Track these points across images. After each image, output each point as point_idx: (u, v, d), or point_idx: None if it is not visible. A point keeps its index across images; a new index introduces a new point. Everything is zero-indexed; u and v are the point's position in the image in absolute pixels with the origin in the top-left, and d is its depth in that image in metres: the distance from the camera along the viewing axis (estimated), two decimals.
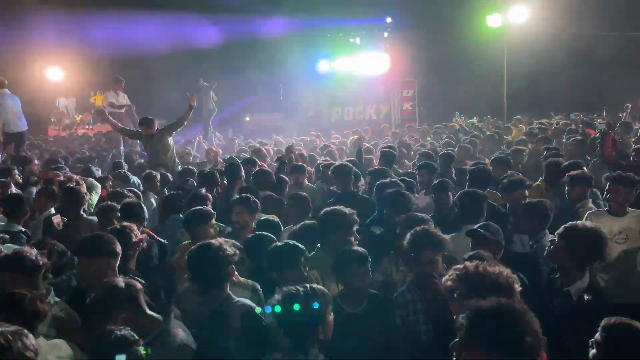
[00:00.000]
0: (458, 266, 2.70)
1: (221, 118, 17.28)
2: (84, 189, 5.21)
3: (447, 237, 3.56)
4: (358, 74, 19.23)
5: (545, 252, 3.47)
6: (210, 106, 15.45)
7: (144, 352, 2.49)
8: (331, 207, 4.18)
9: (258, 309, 3.16)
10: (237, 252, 3.31)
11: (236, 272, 3.55)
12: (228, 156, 9.05)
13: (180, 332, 2.96)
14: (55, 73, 18.04)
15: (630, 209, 4.56)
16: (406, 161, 8.75)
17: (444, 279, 2.72)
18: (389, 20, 19.48)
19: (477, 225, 3.88)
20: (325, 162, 7.41)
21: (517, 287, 2.53)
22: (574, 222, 3.49)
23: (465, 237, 3.92)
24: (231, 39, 18.47)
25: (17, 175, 6.85)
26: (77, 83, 18.61)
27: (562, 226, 3.42)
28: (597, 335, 2.34)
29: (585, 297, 3.19)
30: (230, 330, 3.02)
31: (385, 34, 19.98)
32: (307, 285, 2.74)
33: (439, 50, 18.79)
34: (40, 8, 16.14)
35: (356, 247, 3.52)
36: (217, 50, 18.93)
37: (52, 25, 16.40)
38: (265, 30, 18.69)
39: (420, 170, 6.35)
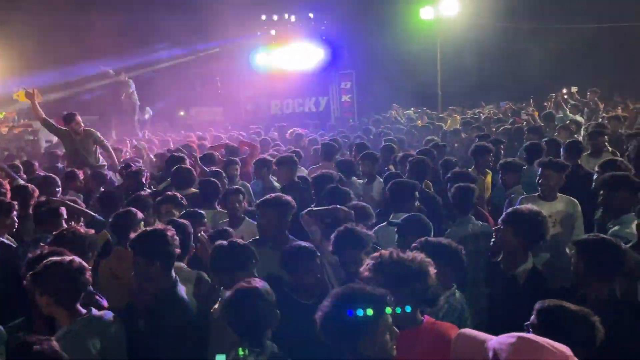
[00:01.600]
0: (374, 255, 2.70)
1: (155, 113, 16.81)
2: None
3: (372, 231, 3.64)
4: (296, 67, 19.18)
5: (492, 242, 3.58)
6: (135, 101, 14.94)
7: None
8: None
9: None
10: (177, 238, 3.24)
11: (183, 264, 3.56)
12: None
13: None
14: None
15: (559, 194, 4.70)
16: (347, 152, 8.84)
17: (361, 269, 2.69)
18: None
19: (405, 216, 3.96)
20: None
21: (432, 270, 2.58)
22: (515, 207, 3.61)
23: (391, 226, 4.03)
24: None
25: None
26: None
27: (505, 213, 3.53)
28: (533, 318, 2.40)
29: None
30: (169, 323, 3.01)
31: (322, 27, 20.04)
32: (254, 282, 2.74)
33: (375, 42, 19.08)
34: None
35: (304, 243, 3.42)
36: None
37: None
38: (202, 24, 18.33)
39: (363, 160, 6.37)
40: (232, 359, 2.61)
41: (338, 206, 3.85)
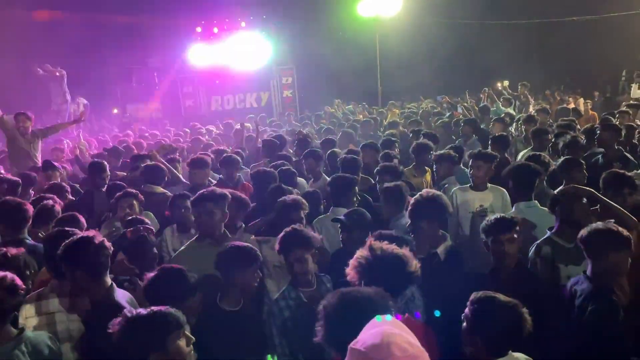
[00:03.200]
0: (358, 255, 2.75)
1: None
2: None
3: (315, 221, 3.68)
4: (236, 62, 18.90)
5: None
6: (65, 97, 14.24)
7: None
8: None
9: None
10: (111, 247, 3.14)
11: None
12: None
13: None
14: None
15: (489, 184, 4.96)
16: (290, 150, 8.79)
17: (347, 270, 2.73)
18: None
19: (347, 212, 4.05)
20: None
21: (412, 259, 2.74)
22: (417, 197, 3.83)
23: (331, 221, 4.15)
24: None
25: None
26: None
27: (410, 207, 3.80)
28: (466, 310, 2.52)
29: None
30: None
31: (262, 19, 19.79)
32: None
33: (315, 38, 19.11)
34: None
35: (245, 246, 3.36)
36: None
37: None
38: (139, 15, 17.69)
39: (306, 158, 6.33)
40: None
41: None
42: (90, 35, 16.54)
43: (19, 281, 2.76)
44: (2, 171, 7.64)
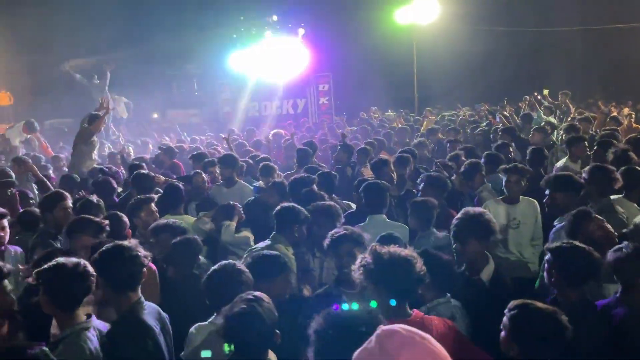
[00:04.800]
0: (363, 256, 2.74)
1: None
2: None
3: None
4: (274, 69, 19.13)
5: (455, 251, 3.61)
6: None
7: None
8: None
9: None
10: (150, 254, 3.19)
11: None
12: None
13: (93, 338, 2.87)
14: None
15: (522, 197, 4.94)
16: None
17: (353, 268, 2.75)
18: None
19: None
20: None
21: (418, 263, 2.69)
22: (460, 217, 3.63)
23: (371, 227, 4.14)
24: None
25: None
26: None
27: (453, 227, 3.57)
28: (505, 319, 2.49)
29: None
30: (143, 333, 2.93)
31: (301, 30, 20.00)
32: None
33: (352, 45, 19.19)
34: None
35: (272, 255, 3.38)
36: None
37: None
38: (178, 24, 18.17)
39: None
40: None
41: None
42: (132, 42, 17.09)
43: (90, 268, 2.88)
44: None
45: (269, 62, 19.07)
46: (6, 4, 16.66)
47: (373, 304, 2.38)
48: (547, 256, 3.07)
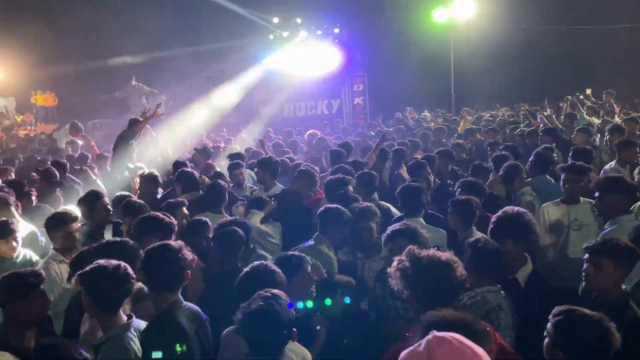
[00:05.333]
0: (399, 258, 2.69)
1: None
2: None
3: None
4: (308, 69, 19.20)
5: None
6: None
7: None
8: None
9: None
10: (196, 258, 3.21)
11: None
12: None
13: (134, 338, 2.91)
14: None
15: (582, 198, 4.72)
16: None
17: (390, 271, 2.71)
18: (336, 31, 19.48)
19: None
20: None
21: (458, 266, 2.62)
22: (499, 215, 3.59)
23: None
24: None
25: None
26: (16, 82, 17.93)
27: (491, 225, 3.54)
28: (549, 325, 2.42)
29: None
30: (177, 334, 2.94)
31: (336, 30, 20.01)
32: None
33: (388, 45, 19.06)
34: None
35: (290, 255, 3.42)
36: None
37: None
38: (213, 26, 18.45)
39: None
40: None
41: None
42: (170, 44, 17.44)
43: (130, 270, 2.92)
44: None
45: (303, 63, 19.17)
46: (51, 7, 17.25)
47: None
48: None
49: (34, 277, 3.10)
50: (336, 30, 19.49)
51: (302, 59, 19.19)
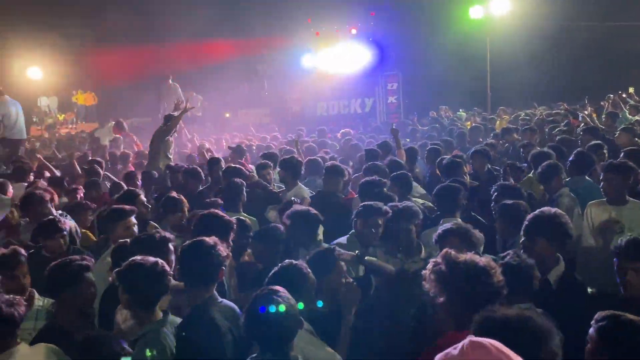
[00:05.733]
0: (435, 261, 2.62)
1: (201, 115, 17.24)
2: None
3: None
4: (342, 68, 19.18)
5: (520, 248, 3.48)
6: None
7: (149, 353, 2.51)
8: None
9: None
10: (229, 254, 3.23)
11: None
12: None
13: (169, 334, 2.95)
14: (35, 72, 18.03)
15: (630, 199, 4.53)
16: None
17: (424, 274, 2.64)
18: (354, 32, 19.37)
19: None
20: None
21: (496, 271, 2.54)
22: (535, 214, 3.51)
23: None
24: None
25: None
26: (58, 81, 18.51)
27: (526, 222, 3.47)
28: (591, 330, 2.35)
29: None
30: (210, 329, 2.96)
31: (353, 30, 19.84)
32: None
33: (422, 43, 18.86)
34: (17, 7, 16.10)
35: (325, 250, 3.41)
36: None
37: (30, 24, 16.33)
38: (247, 26, 18.63)
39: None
40: None
41: None
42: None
43: (167, 267, 2.97)
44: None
45: (337, 61, 19.17)
46: (91, 9, 17.73)
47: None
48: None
49: (83, 264, 3.21)
50: (353, 31, 19.35)
51: (337, 57, 19.18)
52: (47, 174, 7.50)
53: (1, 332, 2.63)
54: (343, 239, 4.16)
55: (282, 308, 2.46)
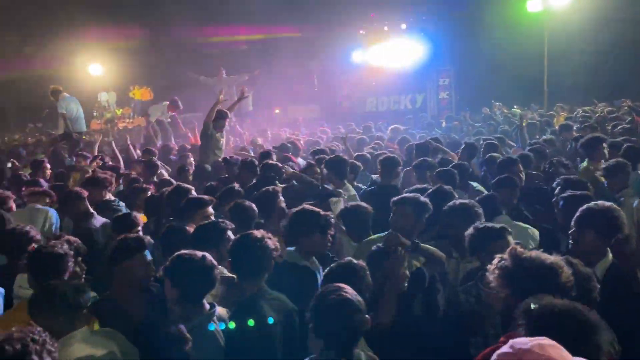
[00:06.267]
0: (501, 257, 2.55)
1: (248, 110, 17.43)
2: None
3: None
4: (392, 63, 18.98)
5: (570, 243, 3.44)
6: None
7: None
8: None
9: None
10: (278, 246, 3.23)
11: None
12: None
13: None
14: (96, 68, 18.78)
15: None
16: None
17: (488, 274, 2.60)
18: (404, 26, 19.04)
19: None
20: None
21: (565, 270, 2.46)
22: (588, 205, 3.44)
23: None
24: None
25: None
26: (117, 77, 19.21)
27: (577, 213, 3.42)
28: None
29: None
30: (258, 322, 2.97)
31: (403, 25, 19.52)
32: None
33: (477, 36, 18.38)
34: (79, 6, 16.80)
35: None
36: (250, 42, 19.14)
37: (91, 21, 17.01)
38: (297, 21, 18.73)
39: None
40: None
41: None
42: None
43: (214, 260, 3.01)
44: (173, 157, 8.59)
45: (388, 57, 18.98)
46: (149, 9, 18.29)
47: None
48: None
49: (138, 241, 3.34)
50: (403, 26, 19.07)
51: (387, 52, 18.99)
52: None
53: (66, 316, 2.74)
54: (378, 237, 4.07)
55: (352, 306, 2.47)
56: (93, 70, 18.84)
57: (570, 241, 3.43)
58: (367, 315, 2.53)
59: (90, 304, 2.94)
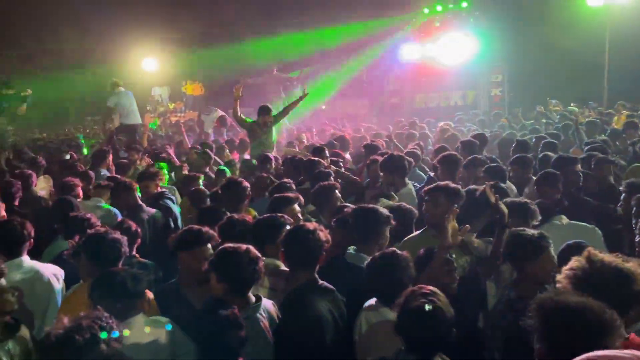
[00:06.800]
0: (575, 260, 2.45)
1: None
2: None
3: None
4: (444, 59, 18.59)
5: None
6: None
7: None
8: None
9: None
10: (329, 239, 3.25)
11: None
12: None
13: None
14: (150, 64, 19.34)
15: None
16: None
17: (558, 277, 2.50)
18: (464, 5, 18.52)
19: None
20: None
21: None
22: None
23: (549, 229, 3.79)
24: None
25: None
26: (170, 72, 19.71)
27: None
28: None
29: None
30: (308, 313, 2.99)
31: (471, 19, 19.06)
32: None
33: (532, 32, 17.77)
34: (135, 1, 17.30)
35: None
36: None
37: (146, 17, 17.47)
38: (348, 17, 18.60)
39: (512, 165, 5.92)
40: None
41: None
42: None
43: (257, 252, 3.04)
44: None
45: (439, 52, 18.61)
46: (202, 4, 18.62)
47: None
48: None
49: (198, 234, 3.39)
50: (474, 19, 18.62)
51: (438, 48, 18.63)
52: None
53: (123, 303, 2.80)
54: (415, 235, 4.00)
55: (441, 311, 2.45)
56: (147, 66, 19.43)
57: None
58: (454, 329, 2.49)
59: (154, 291, 3.00)
